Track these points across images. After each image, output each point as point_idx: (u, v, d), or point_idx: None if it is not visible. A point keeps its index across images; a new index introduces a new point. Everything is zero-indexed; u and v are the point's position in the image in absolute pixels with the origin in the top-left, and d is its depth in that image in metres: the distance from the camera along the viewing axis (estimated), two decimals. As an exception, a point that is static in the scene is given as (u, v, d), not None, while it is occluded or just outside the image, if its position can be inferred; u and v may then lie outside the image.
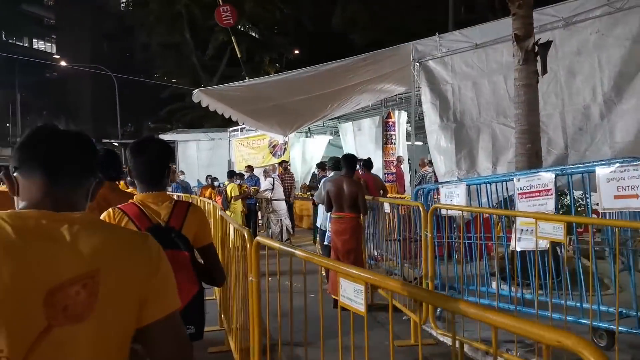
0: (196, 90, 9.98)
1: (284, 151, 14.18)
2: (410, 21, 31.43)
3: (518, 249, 4.10)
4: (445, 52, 8.03)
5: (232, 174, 10.88)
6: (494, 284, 5.32)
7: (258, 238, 3.12)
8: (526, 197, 4.21)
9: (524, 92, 6.07)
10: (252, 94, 10.39)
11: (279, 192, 10.62)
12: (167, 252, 1.50)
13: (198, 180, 16.26)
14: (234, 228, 4.00)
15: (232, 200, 10.14)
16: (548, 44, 6.04)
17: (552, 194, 4.02)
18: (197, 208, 2.48)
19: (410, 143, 10.09)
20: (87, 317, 1.08)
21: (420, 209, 4.42)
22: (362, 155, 15.30)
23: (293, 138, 14.64)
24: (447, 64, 8.01)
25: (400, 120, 13.76)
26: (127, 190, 3.85)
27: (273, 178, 10.70)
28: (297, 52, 39.86)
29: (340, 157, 6.43)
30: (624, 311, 3.70)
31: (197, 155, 20.80)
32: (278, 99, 10.64)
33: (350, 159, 6.35)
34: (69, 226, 1.14)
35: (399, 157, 13.14)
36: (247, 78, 13.05)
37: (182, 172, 13.43)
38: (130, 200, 2.37)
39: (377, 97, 11.66)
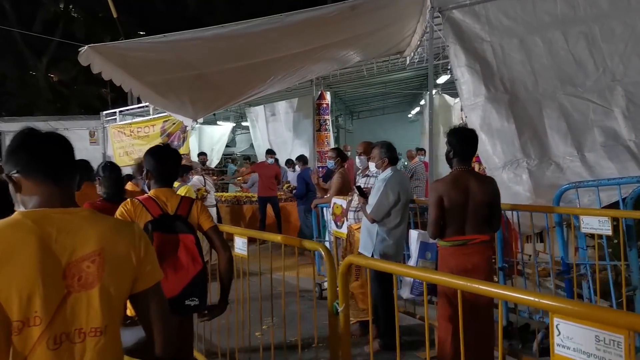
0: (85, 47, 6.17)
1: (184, 141, 10.77)
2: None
3: None
4: (478, -2, 5.90)
5: (185, 169, 6.94)
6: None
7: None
8: None
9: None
10: (168, 56, 7.09)
11: (211, 195, 7.51)
12: (175, 236, 2.75)
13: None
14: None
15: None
16: None
17: None
18: (198, 201, 3.02)
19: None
20: (96, 285, 1.48)
21: None
22: (276, 145, 12.70)
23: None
24: (480, 15, 5.87)
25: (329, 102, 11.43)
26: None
27: (203, 176, 7.53)
28: (143, 34, 35.10)
29: (449, 132, 3.58)
30: None
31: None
32: (203, 66, 7.50)
33: (468, 134, 3.64)
34: (77, 218, 1.53)
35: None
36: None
37: None
38: (146, 194, 2.93)
39: (329, 69, 9.10)
